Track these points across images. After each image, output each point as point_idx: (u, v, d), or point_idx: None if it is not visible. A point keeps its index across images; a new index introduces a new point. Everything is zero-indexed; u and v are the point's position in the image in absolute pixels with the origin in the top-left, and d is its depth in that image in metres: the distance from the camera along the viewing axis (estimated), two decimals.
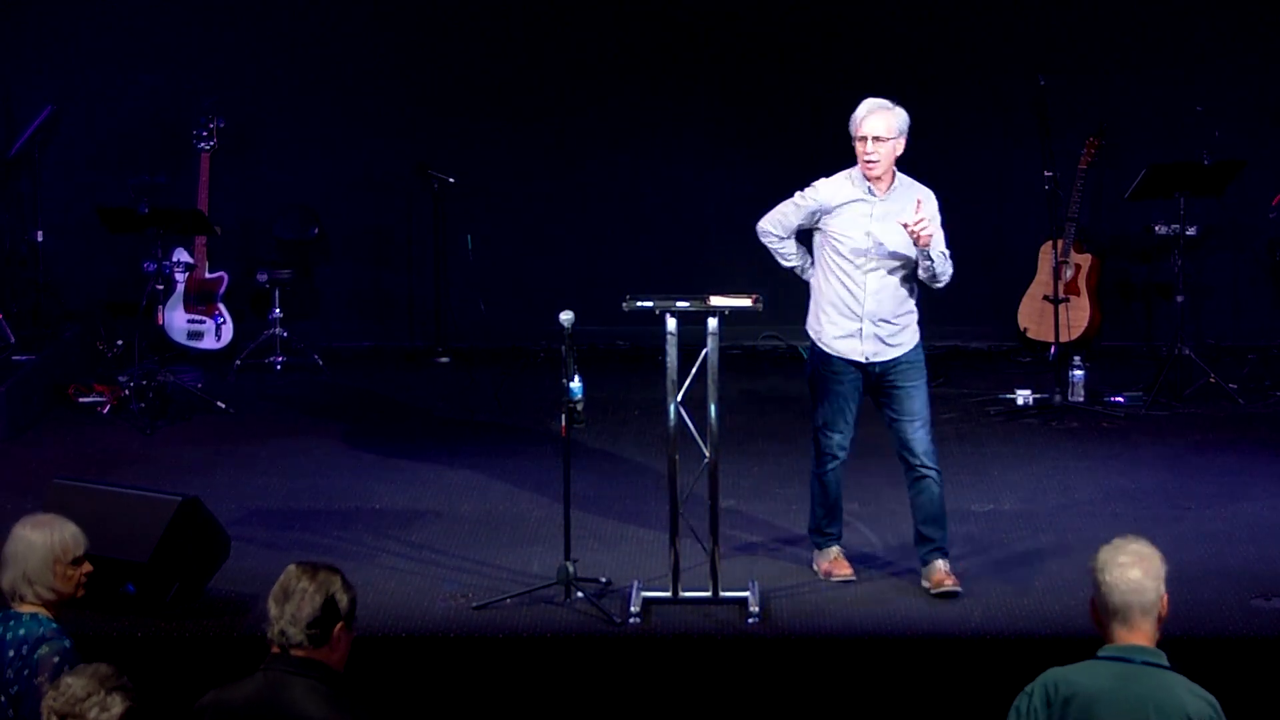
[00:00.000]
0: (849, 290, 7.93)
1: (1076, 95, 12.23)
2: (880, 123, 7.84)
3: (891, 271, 7.91)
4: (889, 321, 7.94)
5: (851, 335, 7.95)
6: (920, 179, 8.09)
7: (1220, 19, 12.43)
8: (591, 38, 12.64)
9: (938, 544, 7.99)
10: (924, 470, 7.96)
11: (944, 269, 7.89)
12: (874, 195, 7.90)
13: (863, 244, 7.89)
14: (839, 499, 8.18)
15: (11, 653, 5.71)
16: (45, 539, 5.84)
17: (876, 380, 7.99)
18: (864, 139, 7.84)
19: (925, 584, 7.97)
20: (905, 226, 7.73)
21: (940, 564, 7.95)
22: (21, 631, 5.74)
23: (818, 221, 7.98)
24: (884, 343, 7.95)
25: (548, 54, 12.65)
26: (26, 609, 5.81)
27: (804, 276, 8.18)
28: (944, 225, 7.96)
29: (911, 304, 8.02)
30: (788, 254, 8.12)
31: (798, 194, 8.05)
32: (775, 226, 8.08)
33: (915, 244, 7.77)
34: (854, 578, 8.11)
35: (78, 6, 12.56)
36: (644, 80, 12.66)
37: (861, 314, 7.92)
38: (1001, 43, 12.47)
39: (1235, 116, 12.06)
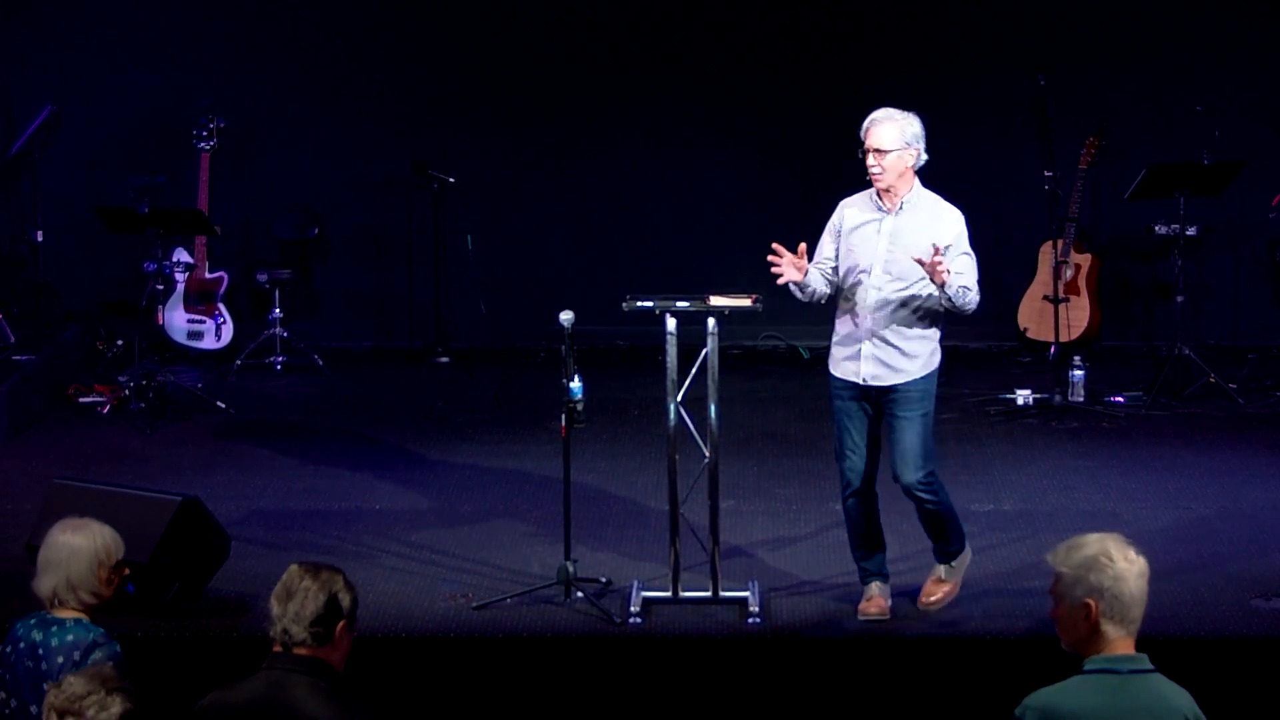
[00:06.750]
0: (852, 306, 7.59)
1: (1076, 95, 12.22)
2: (883, 134, 7.50)
3: (896, 291, 7.51)
4: (890, 344, 7.52)
5: (851, 357, 7.61)
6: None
7: (1220, 19, 12.43)
8: (591, 38, 12.63)
9: (937, 549, 7.85)
10: (912, 496, 7.65)
11: (965, 302, 7.47)
12: (882, 211, 7.58)
13: (865, 261, 7.55)
14: (867, 531, 7.76)
15: (60, 659, 5.66)
16: (89, 543, 5.80)
17: (877, 404, 7.63)
18: (867, 152, 7.53)
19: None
20: (921, 263, 7.36)
21: (939, 570, 7.84)
22: (69, 638, 5.70)
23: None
24: (885, 365, 7.55)
25: (547, 54, 12.64)
26: (68, 614, 5.78)
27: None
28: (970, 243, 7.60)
29: (926, 331, 7.58)
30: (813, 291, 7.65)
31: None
32: (820, 265, 7.69)
33: (931, 280, 7.39)
34: (885, 617, 7.69)
35: (78, 6, 12.56)
36: (643, 80, 12.65)
37: (860, 333, 7.58)
38: (1001, 43, 12.47)
39: (1235, 116, 12.05)
